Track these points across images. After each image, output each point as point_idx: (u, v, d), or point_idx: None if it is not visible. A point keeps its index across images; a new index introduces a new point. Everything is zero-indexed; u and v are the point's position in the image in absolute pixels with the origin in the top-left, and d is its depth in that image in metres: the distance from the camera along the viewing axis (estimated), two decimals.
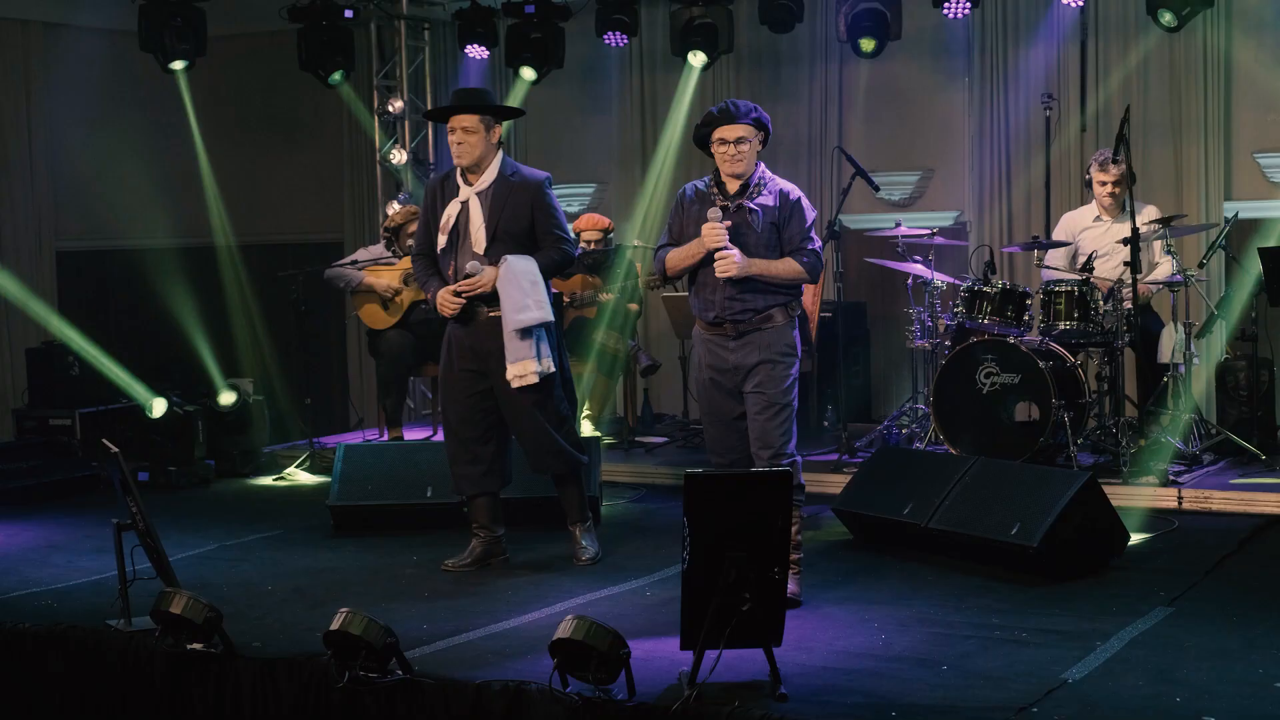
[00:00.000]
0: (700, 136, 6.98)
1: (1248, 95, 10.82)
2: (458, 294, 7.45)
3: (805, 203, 6.98)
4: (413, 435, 10.94)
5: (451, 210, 7.52)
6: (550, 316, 7.50)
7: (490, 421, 7.63)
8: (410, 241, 10.51)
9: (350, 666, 5.79)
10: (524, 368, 7.42)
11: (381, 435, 11.02)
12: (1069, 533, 6.97)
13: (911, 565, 7.42)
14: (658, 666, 5.75)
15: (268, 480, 10.61)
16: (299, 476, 10.60)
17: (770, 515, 5.40)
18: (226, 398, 10.82)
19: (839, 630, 6.30)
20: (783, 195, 6.92)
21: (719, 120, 6.87)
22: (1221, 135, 10.77)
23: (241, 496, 10.17)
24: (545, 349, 7.48)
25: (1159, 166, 10.77)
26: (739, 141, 6.82)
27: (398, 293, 10.54)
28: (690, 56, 11.45)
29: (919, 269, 9.81)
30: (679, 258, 6.98)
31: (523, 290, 7.39)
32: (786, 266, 6.87)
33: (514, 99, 12.23)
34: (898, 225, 9.98)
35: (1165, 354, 9.04)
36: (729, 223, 6.77)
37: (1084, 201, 10.47)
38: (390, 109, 12.71)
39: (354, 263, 10.75)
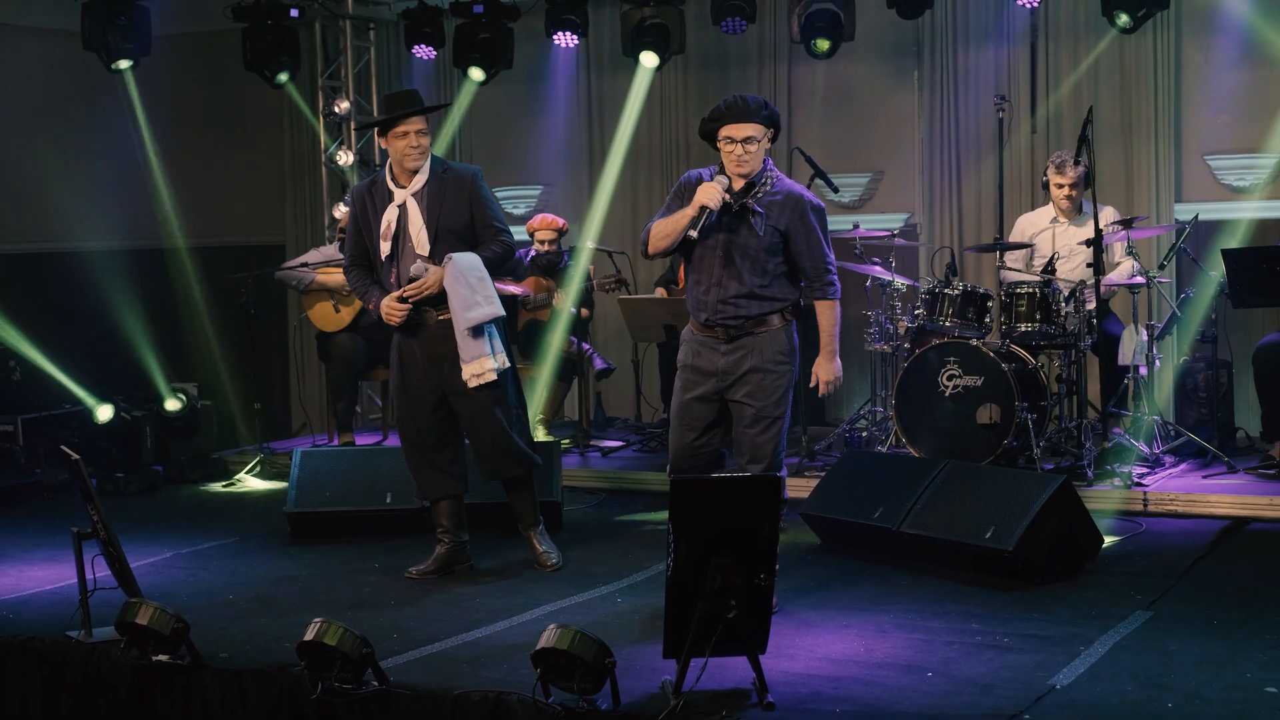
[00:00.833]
0: (706, 131, 6.67)
1: (1198, 97, 10.83)
2: (403, 299, 7.30)
3: (815, 210, 6.66)
4: (363, 441, 10.79)
5: (390, 216, 7.36)
6: (502, 310, 7.39)
7: (446, 427, 7.52)
8: None
9: (324, 677, 5.67)
10: (481, 365, 7.29)
11: (331, 440, 10.89)
12: (1044, 536, 6.93)
13: (884, 570, 7.35)
14: (638, 675, 5.66)
15: (218, 486, 10.43)
16: (249, 482, 10.43)
17: (757, 521, 5.31)
18: (174, 402, 10.63)
19: (819, 636, 6.23)
20: (790, 198, 6.62)
21: (728, 116, 6.55)
22: (1172, 137, 10.78)
23: (192, 503, 9.99)
24: (498, 344, 7.38)
25: (1110, 168, 10.77)
26: (747, 141, 6.51)
27: (349, 294, 10.39)
28: (642, 57, 11.33)
29: (879, 271, 9.75)
30: (665, 229, 6.61)
31: (471, 287, 7.26)
32: (831, 320, 6.76)
33: (462, 100, 12.15)
34: (856, 227, 9.92)
35: (1126, 356, 9.03)
36: (728, 196, 6.51)
37: (1038, 203, 10.47)
38: (336, 110, 12.52)
39: (304, 265, 10.59)
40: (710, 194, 6.47)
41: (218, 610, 7.00)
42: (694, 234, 6.49)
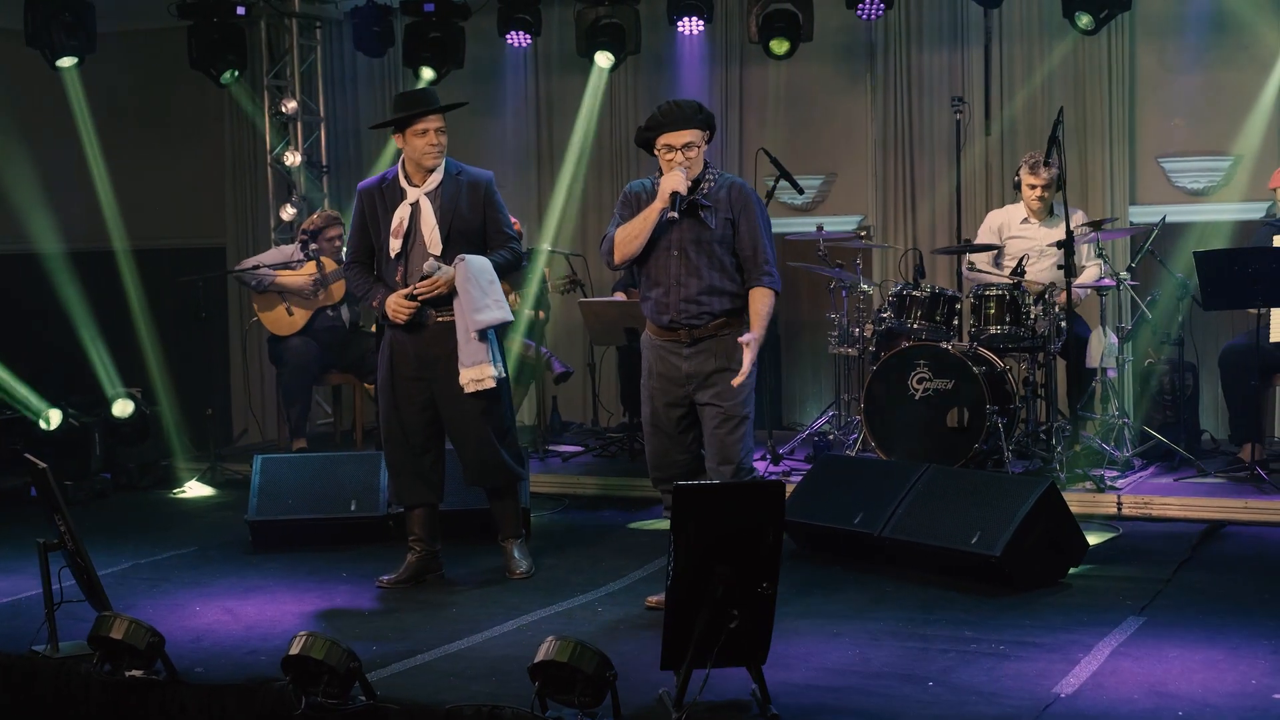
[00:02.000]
0: (644, 140, 6.68)
1: (1152, 100, 10.84)
2: (413, 297, 7.15)
3: (756, 201, 6.71)
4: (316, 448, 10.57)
5: (402, 213, 7.22)
6: (510, 316, 7.30)
7: (432, 431, 7.37)
8: (316, 245, 10.24)
9: (310, 693, 5.49)
10: (481, 371, 7.17)
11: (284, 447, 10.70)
12: (1030, 541, 6.84)
13: (866, 576, 7.24)
14: (631, 687, 5.46)
15: (168, 494, 10.17)
16: (201, 489, 10.18)
17: (761, 528, 5.19)
18: (122, 408, 10.37)
19: (811, 645, 6.10)
20: (734, 189, 6.66)
21: (665, 124, 6.55)
22: (1126, 140, 10.77)
23: (145, 511, 9.72)
24: (498, 352, 7.28)
25: (1065, 171, 10.71)
26: (687, 147, 6.52)
27: (310, 295, 10.20)
28: (597, 57, 11.20)
29: (843, 273, 9.66)
30: (632, 229, 6.61)
31: (482, 289, 7.15)
32: (766, 304, 6.63)
33: None
34: (820, 229, 9.83)
35: (1094, 358, 8.96)
36: (690, 182, 6.50)
37: (994, 205, 10.45)
38: (283, 109, 12.28)
39: (256, 267, 10.37)
40: (676, 180, 6.48)
41: (186, 623, 6.78)
42: (675, 214, 6.48)
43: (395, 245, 7.21)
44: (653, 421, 6.84)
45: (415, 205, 7.21)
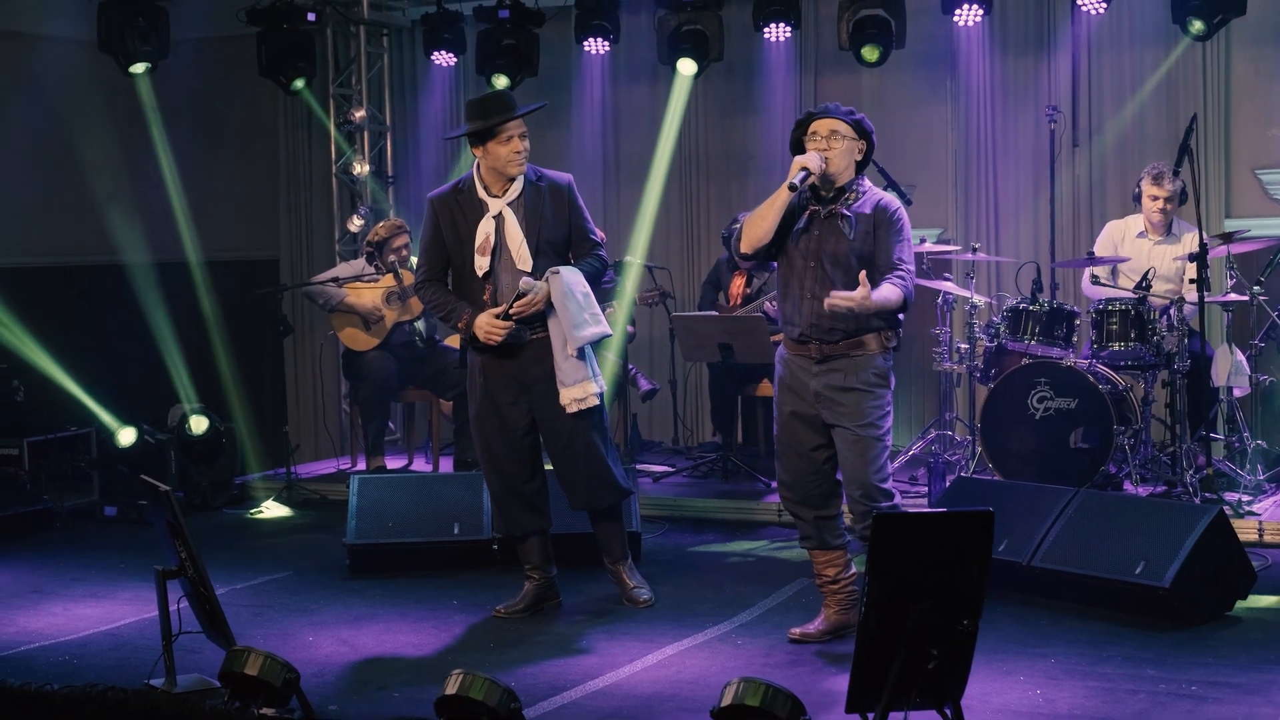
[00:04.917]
0: (794, 139, 6.38)
1: (1248, 110, 10.47)
2: (507, 316, 6.72)
3: (903, 217, 6.35)
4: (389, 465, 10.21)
5: (486, 228, 6.79)
6: (609, 329, 6.91)
7: (535, 455, 7.00)
8: (393, 257, 9.88)
9: None
10: (584, 390, 6.79)
11: (355, 465, 10.33)
12: (1198, 572, 6.45)
13: (1015, 607, 6.81)
14: None
15: (246, 514, 9.77)
16: (278, 509, 9.79)
17: (966, 561, 4.82)
18: (197, 424, 9.97)
19: (985, 684, 5.70)
20: (881, 203, 6.31)
21: (816, 114, 6.33)
22: (1221, 151, 10.41)
23: (226, 532, 9.31)
24: (597, 366, 6.90)
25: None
26: (831, 135, 6.23)
27: (379, 319, 9.85)
28: (680, 64, 10.84)
29: (950, 287, 9.31)
30: (759, 211, 6.24)
31: (579, 304, 6.75)
32: (894, 291, 6.20)
33: None
34: (923, 242, 9.47)
35: (1220, 377, 8.57)
36: (824, 165, 6.18)
37: (1082, 219, 10.12)
38: (352, 119, 11.91)
39: (335, 280, 10.00)
40: (809, 158, 6.20)
41: (301, 654, 6.35)
42: (796, 183, 6.15)
43: (482, 263, 6.78)
44: (784, 439, 6.47)
45: (499, 218, 6.78)
